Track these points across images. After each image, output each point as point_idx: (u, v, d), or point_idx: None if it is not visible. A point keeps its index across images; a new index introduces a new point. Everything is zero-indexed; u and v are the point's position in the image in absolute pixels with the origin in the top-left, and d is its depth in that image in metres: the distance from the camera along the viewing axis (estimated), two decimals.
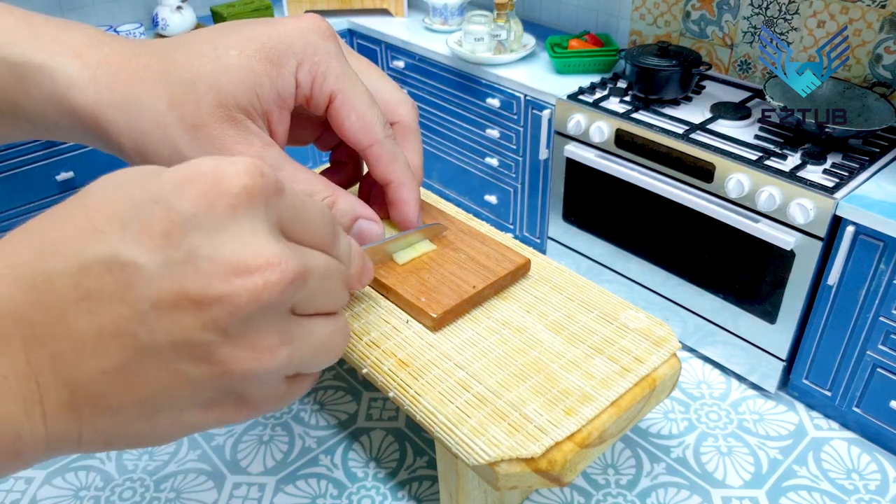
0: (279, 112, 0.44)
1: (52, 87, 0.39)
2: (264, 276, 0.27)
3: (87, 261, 0.25)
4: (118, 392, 0.26)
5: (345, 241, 0.34)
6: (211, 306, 0.26)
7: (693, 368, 1.72)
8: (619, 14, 2.03)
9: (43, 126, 0.41)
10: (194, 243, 0.26)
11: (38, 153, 1.88)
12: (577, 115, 1.69)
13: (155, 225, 0.26)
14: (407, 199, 0.50)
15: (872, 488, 1.40)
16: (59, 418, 0.26)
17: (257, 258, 0.27)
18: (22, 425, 0.25)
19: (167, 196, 0.26)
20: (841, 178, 1.35)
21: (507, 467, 0.43)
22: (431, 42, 2.11)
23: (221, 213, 0.27)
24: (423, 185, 1.88)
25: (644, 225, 1.69)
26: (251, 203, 0.27)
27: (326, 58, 0.44)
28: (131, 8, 2.29)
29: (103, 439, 0.28)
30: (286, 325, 0.29)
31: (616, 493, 1.30)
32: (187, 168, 0.27)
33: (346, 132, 0.46)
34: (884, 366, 1.40)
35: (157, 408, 0.28)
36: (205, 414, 0.29)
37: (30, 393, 0.25)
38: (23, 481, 1.36)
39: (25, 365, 0.25)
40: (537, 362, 0.49)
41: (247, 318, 0.27)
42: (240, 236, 0.27)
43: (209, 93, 0.40)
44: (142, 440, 0.29)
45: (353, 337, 0.51)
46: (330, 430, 1.21)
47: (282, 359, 0.29)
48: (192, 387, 0.27)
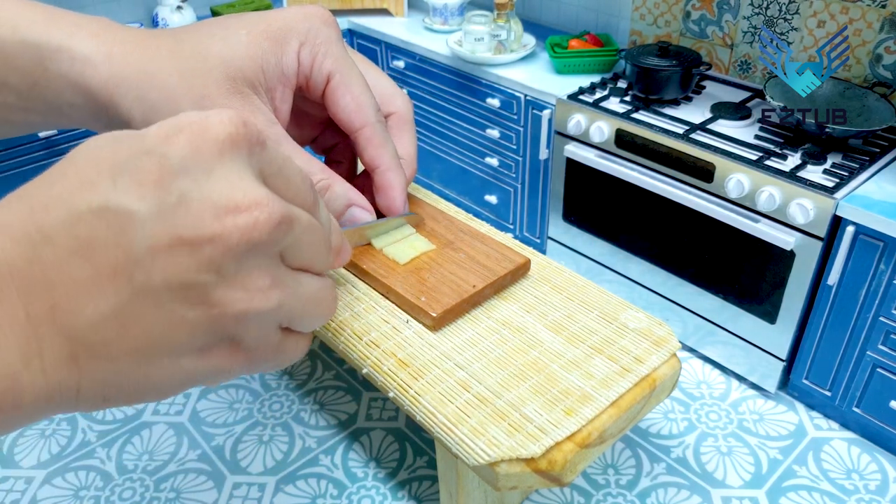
0: (283, 90, 0.46)
1: (69, 66, 0.40)
2: (253, 214, 0.28)
3: (80, 211, 0.26)
4: (116, 338, 0.27)
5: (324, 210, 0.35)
6: (204, 246, 0.27)
7: (693, 368, 1.72)
8: (619, 14, 2.03)
9: (58, 108, 0.42)
10: (184, 187, 0.27)
11: (39, 153, 1.88)
12: (577, 115, 1.69)
13: (145, 172, 0.27)
14: (393, 184, 0.51)
15: (872, 488, 1.40)
16: (58, 369, 0.26)
17: (246, 198, 0.28)
18: (21, 376, 0.26)
19: (156, 146, 0.27)
20: (841, 178, 1.35)
21: (507, 467, 0.43)
22: (431, 42, 2.11)
23: (209, 157, 0.28)
24: (423, 185, 1.89)
25: (644, 225, 1.69)
26: (236, 148, 0.28)
27: (327, 41, 0.46)
28: (131, 8, 2.29)
29: (101, 393, 0.28)
30: (277, 271, 0.30)
31: (616, 493, 1.30)
32: (174, 120, 0.29)
33: (341, 112, 0.48)
34: (884, 366, 1.40)
35: (155, 353, 0.28)
36: (202, 360, 0.30)
37: (28, 344, 0.26)
38: (23, 481, 1.36)
39: (24, 317, 0.26)
40: (537, 362, 0.49)
41: (239, 258, 0.28)
42: (227, 178, 0.28)
43: (218, 67, 0.42)
44: (139, 391, 0.29)
45: (353, 337, 0.51)
46: (330, 430, 1.21)
47: (273, 301, 0.30)
48: (188, 330, 0.28)
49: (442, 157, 2.24)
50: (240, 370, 0.31)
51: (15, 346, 0.25)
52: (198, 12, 2.32)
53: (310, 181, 0.33)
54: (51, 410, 0.28)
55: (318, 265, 0.33)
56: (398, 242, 0.55)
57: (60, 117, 0.43)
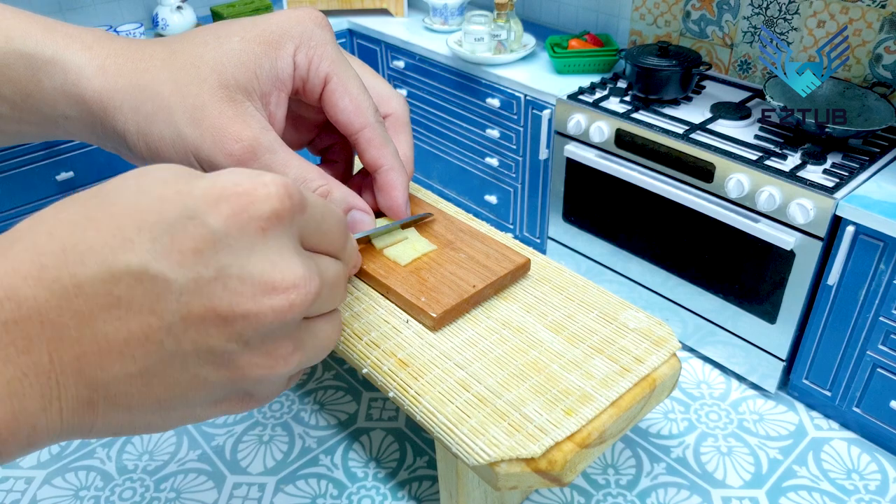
0: (277, 95, 0.45)
1: (63, 77, 0.41)
2: (290, 297, 0.28)
3: (118, 270, 0.26)
4: (138, 393, 0.28)
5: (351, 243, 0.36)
6: (237, 321, 0.28)
7: (693, 368, 1.72)
8: (619, 14, 2.03)
9: (52, 120, 0.42)
10: (224, 262, 0.27)
11: (38, 153, 1.88)
12: (577, 115, 1.69)
13: (187, 242, 0.27)
14: (396, 184, 0.51)
15: (872, 488, 1.40)
16: (76, 413, 0.27)
17: (285, 280, 0.28)
18: (39, 420, 0.26)
19: (200, 213, 0.27)
20: (841, 178, 1.35)
21: (507, 467, 0.43)
22: (431, 42, 2.11)
23: (252, 235, 0.28)
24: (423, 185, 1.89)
25: (644, 225, 1.69)
26: (280, 224, 0.29)
27: (322, 43, 0.46)
28: (131, 8, 2.29)
29: (114, 430, 0.29)
30: (298, 333, 0.31)
31: (616, 493, 1.30)
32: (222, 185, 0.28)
33: (339, 114, 0.48)
34: (884, 366, 1.40)
35: (173, 406, 0.29)
36: (213, 409, 0.31)
37: (49, 390, 0.26)
38: (23, 481, 1.36)
39: (48, 364, 0.26)
40: (537, 362, 0.49)
41: (269, 332, 0.29)
42: (268, 256, 0.28)
43: (211, 75, 0.42)
44: (150, 429, 0.30)
45: (353, 337, 0.51)
46: (330, 430, 1.21)
47: (293, 364, 0.31)
48: (208, 388, 0.29)
49: (442, 157, 2.24)
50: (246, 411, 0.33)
51: (38, 393, 0.26)
52: (198, 12, 2.32)
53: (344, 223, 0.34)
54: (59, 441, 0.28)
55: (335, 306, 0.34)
56: (399, 243, 0.55)
57: (55, 129, 0.43)
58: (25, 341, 0.25)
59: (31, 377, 0.25)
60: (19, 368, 0.25)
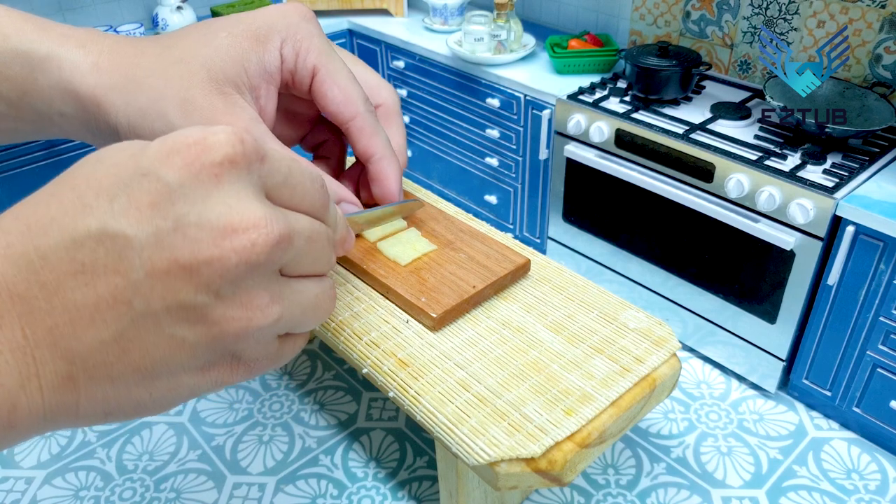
0: (267, 88, 0.46)
1: (58, 75, 0.41)
2: (250, 236, 0.28)
3: (79, 235, 0.26)
4: (116, 360, 0.27)
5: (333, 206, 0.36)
6: (201, 270, 0.27)
7: (693, 368, 1.72)
8: (619, 14, 2.03)
9: (48, 118, 0.43)
10: (181, 211, 0.27)
11: (38, 153, 1.88)
12: (577, 115, 1.69)
13: (143, 197, 0.27)
14: (388, 172, 0.52)
15: (872, 488, 1.40)
16: (57, 390, 0.27)
17: (243, 220, 0.28)
18: (18, 397, 0.26)
19: (154, 168, 0.27)
20: (841, 178, 1.35)
21: (507, 467, 0.43)
22: (431, 42, 2.11)
23: (206, 182, 0.28)
24: (423, 185, 1.89)
25: (644, 225, 1.69)
26: (234, 168, 0.29)
27: (308, 36, 0.47)
28: (131, 8, 2.29)
29: (102, 409, 0.28)
30: (276, 286, 0.30)
31: (616, 493, 1.30)
32: (172, 139, 0.29)
33: (329, 105, 0.48)
34: (884, 366, 1.40)
35: (155, 374, 0.28)
36: (202, 376, 0.30)
37: (26, 366, 0.26)
38: (23, 481, 1.36)
39: (22, 339, 0.26)
40: (537, 362, 0.49)
41: (237, 279, 0.28)
42: (224, 200, 0.28)
43: (201, 70, 0.43)
44: (140, 408, 0.29)
45: (353, 337, 0.51)
46: (330, 430, 1.21)
47: (272, 317, 0.30)
48: (188, 350, 0.28)
49: (442, 157, 2.24)
50: (240, 380, 0.32)
51: (14, 370, 0.25)
52: (198, 12, 2.32)
53: (320, 181, 0.33)
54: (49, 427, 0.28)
55: (320, 269, 0.33)
56: (400, 244, 0.55)
57: (51, 126, 0.44)
58: None
59: (5, 353, 0.25)
60: None
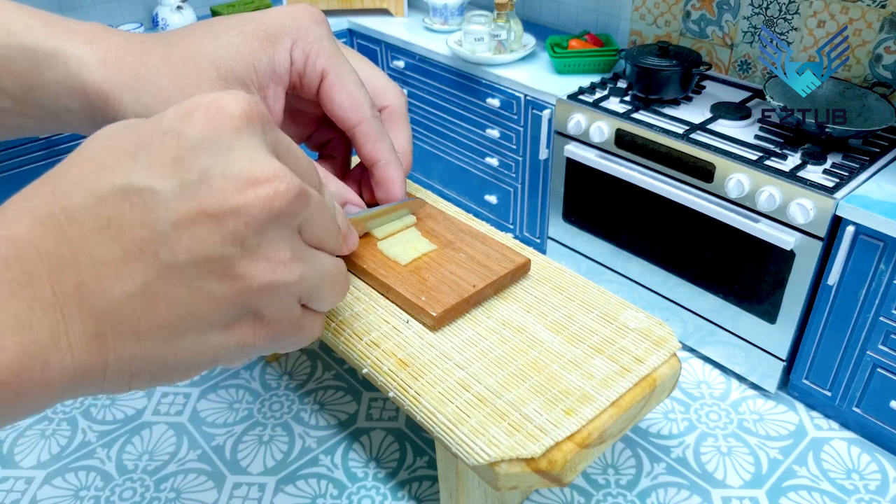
0: (275, 88, 0.46)
1: (64, 70, 0.41)
2: (273, 185, 0.29)
3: (104, 192, 0.27)
4: (143, 315, 0.28)
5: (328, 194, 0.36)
6: (227, 218, 0.28)
7: (693, 368, 1.72)
8: (619, 14, 2.03)
9: (53, 113, 0.43)
10: (205, 164, 0.28)
11: (38, 153, 1.88)
12: (577, 115, 1.69)
13: (166, 153, 0.28)
14: (393, 178, 0.52)
15: (872, 488, 1.40)
16: (85, 348, 0.27)
17: (265, 171, 0.29)
18: (50, 354, 0.26)
19: (174, 127, 0.28)
20: (841, 178, 1.35)
21: (507, 467, 0.43)
22: (431, 42, 2.11)
23: (227, 135, 0.29)
24: (423, 185, 1.89)
25: (644, 225, 1.69)
26: (251, 124, 0.30)
27: (318, 39, 0.47)
28: (131, 8, 2.29)
29: (129, 370, 0.29)
30: (297, 244, 0.31)
31: (616, 493, 1.30)
32: (188, 102, 0.29)
33: (336, 109, 0.49)
34: (884, 366, 1.40)
35: (182, 329, 0.29)
36: (227, 335, 0.30)
37: (55, 323, 0.26)
38: (23, 481, 1.36)
39: (52, 296, 0.26)
40: (537, 362, 0.49)
41: (261, 230, 0.29)
42: (246, 153, 0.29)
43: (209, 68, 0.43)
44: (166, 370, 0.30)
45: (354, 337, 0.51)
46: (330, 430, 1.21)
47: (296, 273, 0.31)
48: (213, 304, 0.29)
49: (442, 157, 2.24)
50: (263, 345, 0.32)
51: (45, 326, 0.26)
52: (198, 12, 2.32)
53: (314, 164, 0.34)
54: (78, 390, 0.28)
55: (331, 243, 0.34)
56: (400, 244, 0.55)
57: (56, 122, 0.44)
58: (27, 276, 0.26)
59: (36, 310, 0.26)
60: (24, 302, 0.25)
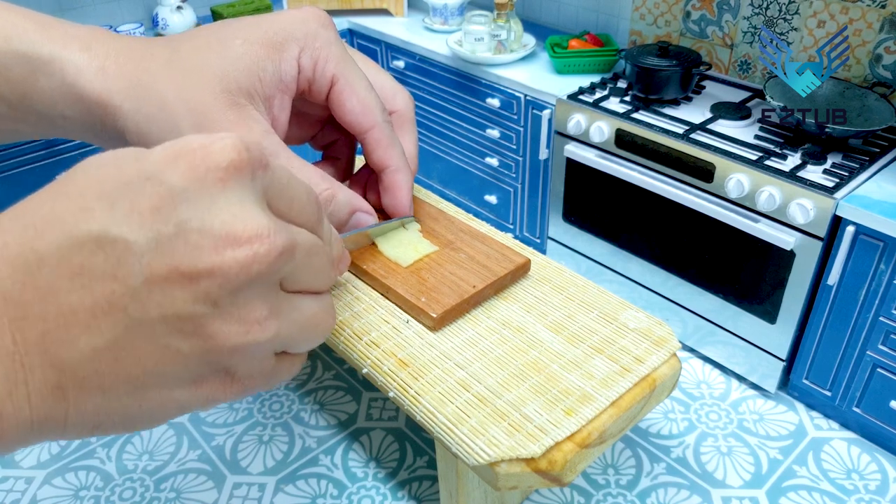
0: (281, 97, 0.45)
1: (61, 78, 0.40)
2: (254, 247, 0.27)
3: (79, 238, 0.25)
4: (108, 370, 0.26)
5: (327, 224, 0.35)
6: (201, 279, 0.26)
7: (693, 368, 1.72)
8: (619, 14, 2.03)
9: (49, 119, 0.42)
10: (184, 217, 0.26)
11: (39, 153, 1.88)
12: (577, 115, 1.69)
13: (145, 201, 0.26)
14: (402, 184, 0.51)
15: (872, 488, 1.40)
16: (45, 399, 0.26)
17: (247, 229, 0.27)
18: (4, 406, 0.25)
19: (157, 172, 0.27)
20: (841, 178, 1.35)
21: (507, 467, 0.43)
22: (431, 42, 2.11)
23: (211, 187, 0.27)
24: (423, 185, 1.90)
25: (644, 225, 1.69)
26: (239, 176, 0.28)
27: (327, 44, 0.45)
28: (131, 8, 2.29)
29: (91, 422, 0.27)
30: (275, 299, 0.29)
31: (616, 493, 1.30)
32: (176, 144, 0.28)
33: (347, 115, 0.48)
34: (884, 366, 1.40)
35: (148, 384, 0.27)
36: (194, 391, 0.29)
37: (14, 373, 0.25)
38: (23, 481, 1.36)
39: (11, 344, 0.25)
40: (537, 362, 0.49)
41: (237, 290, 0.27)
42: (228, 208, 0.27)
43: (213, 79, 0.42)
44: (130, 421, 0.28)
45: (353, 337, 0.51)
46: (330, 430, 1.21)
47: (270, 332, 0.29)
48: (182, 362, 0.27)
49: (442, 157, 2.24)
50: (234, 398, 0.31)
51: (2, 376, 0.24)
52: (198, 12, 2.32)
53: (315, 197, 0.33)
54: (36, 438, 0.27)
55: (319, 284, 0.33)
56: (402, 245, 0.55)
57: (52, 128, 0.42)
58: None
59: None
60: None
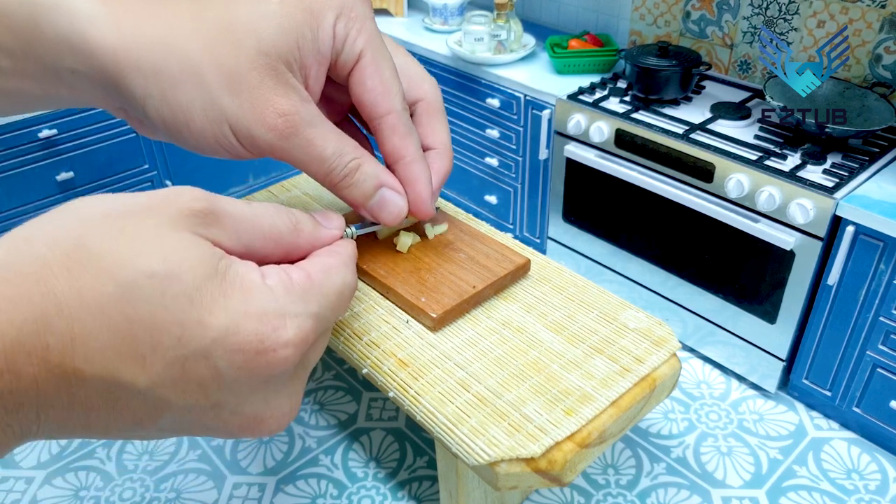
0: (317, 69, 0.41)
1: (69, 26, 0.36)
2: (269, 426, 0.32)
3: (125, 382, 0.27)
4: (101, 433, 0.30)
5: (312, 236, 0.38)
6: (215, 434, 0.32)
7: (693, 368, 1.72)
8: (619, 14, 2.03)
9: (56, 73, 0.37)
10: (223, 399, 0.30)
11: (39, 153, 1.88)
12: (577, 115, 1.69)
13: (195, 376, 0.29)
14: (420, 176, 0.46)
15: (872, 488, 1.40)
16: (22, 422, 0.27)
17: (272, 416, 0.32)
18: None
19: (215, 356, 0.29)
20: (841, 178, 1.35)
21: (507, 467, 0.43)
22: (431, 42, 2.11)
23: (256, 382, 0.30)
24: None
25: (644, 225, 1.69)
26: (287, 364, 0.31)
27: (362, 17, 0.42)
28: None
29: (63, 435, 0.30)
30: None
31: (616, 493, 1.30)
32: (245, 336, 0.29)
33: (366, 93, 0.44)
34: (884, 366, 1.40)
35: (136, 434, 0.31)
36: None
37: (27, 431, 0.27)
38: (23, 481, 1.36)
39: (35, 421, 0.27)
40: (537, 362, 0.49)
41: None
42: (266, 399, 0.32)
43: (248, 39, 0.38)
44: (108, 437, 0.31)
45: (353, 337, 0.51)
46: (330, 430, 1.21)
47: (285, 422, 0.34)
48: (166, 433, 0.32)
49: None
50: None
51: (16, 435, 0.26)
52: None
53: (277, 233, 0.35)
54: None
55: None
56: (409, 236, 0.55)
57: (59, 85, 0.38)
58: (17, 405, 0.25)
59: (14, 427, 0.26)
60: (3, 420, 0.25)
